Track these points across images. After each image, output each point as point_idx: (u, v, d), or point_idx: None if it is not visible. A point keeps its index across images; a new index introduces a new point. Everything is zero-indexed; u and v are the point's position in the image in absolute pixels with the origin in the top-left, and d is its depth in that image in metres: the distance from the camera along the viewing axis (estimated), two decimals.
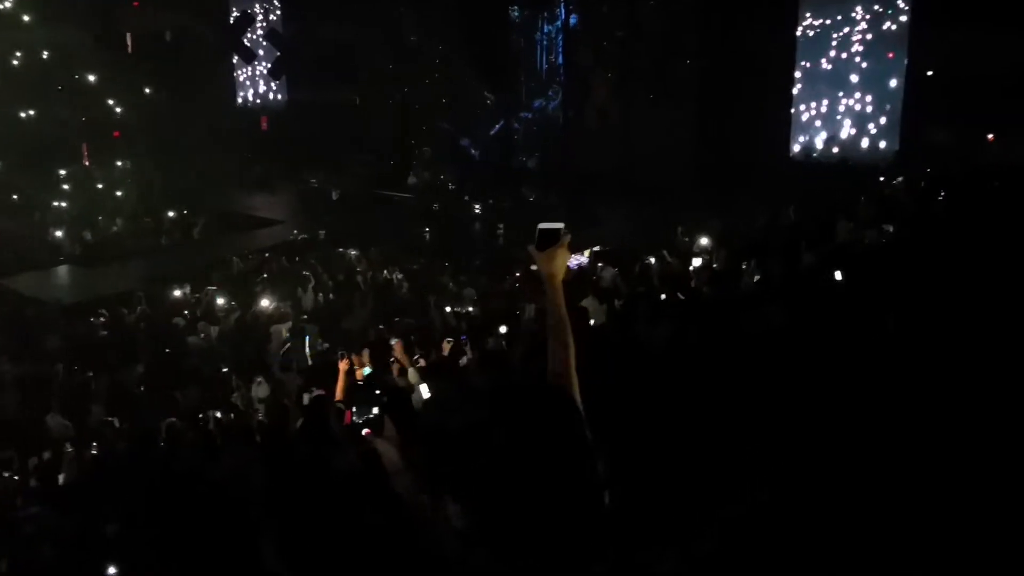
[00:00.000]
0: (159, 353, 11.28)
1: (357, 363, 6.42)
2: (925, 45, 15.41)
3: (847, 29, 16.88)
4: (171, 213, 19.86)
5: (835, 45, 17.04)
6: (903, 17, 16.16)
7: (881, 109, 16.75)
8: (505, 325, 8.03)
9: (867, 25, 16.64)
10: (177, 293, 13.58)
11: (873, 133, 16.89)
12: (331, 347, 10.27)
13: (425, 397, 5.53)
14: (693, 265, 10.24)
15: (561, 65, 21.03)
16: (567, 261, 2.04)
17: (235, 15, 25.86)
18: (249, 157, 24.46)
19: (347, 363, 6.10)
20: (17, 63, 20.43)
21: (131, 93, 21.71)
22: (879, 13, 16.45)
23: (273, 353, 10.54)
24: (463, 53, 22.00)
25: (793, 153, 17.63)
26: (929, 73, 15.51)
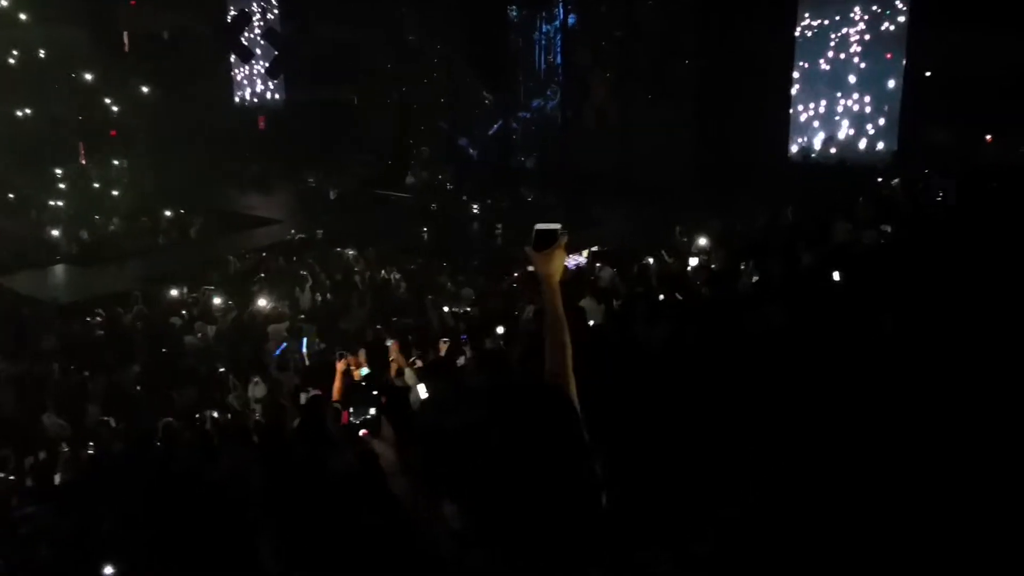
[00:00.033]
0: (156, 353, 11.27)
1: (354, 363, 6.42)
2: (923, 46, 15.42)
3: (845, 30, 16.88)
4: (168, 212, 19.84)
5: (833, 46, 17.05)
6: (901, 18, 16.17)
7: (879, 110, 16.75)
8: (503, 325, 8.00)
9: (865, 26, 16.64)
10: (174, 293, 13.56)
11: (871, 134, 16.89)
12: (328, 347, 10.26)
13: (423, 397, 5.52)
14: (690, 265, 10.24)
15: (560, 65, 21.01)
16: (564, 262, 2.04)
17: (232, 14, 25.81)
18: (246, 156, 24.44)
19: (344, 363, 6.10)
20: (14, 61, 20.41)
21: (128, 92, 21.66)
22: (877, 14, 16.45)
23: (270, 353, 10.52)
24: (461, 53, 22.00)
25: (791, 154, 17.63)
26: (927, 74, 15.52)
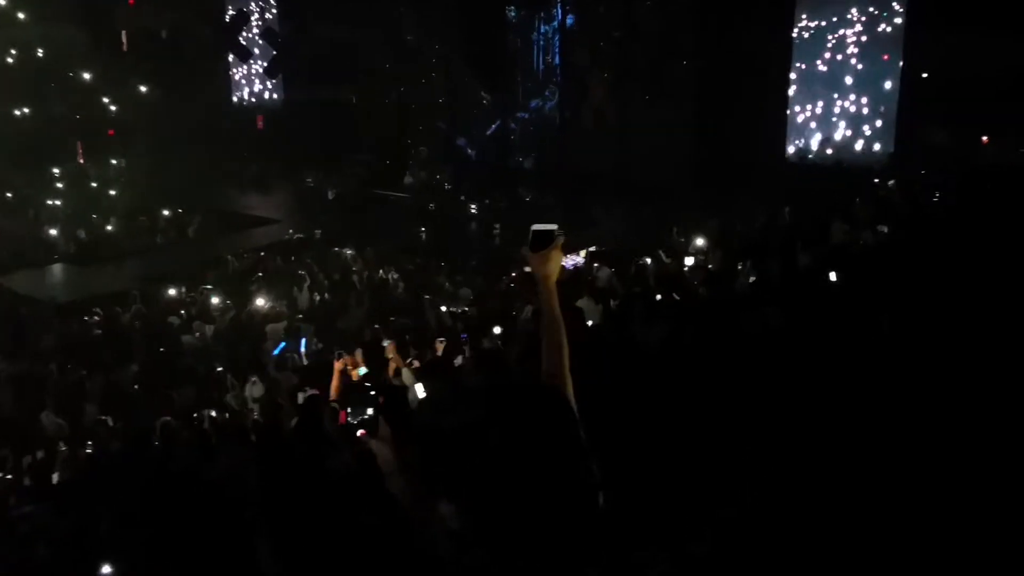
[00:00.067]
0: (154, 352, 11.25)
1: (352, 363, 6.42)
2: (920, 47, 15.43)
3: (842, 31, 16.89)
4: (166, 212, 19.80)
5: (830, 47, 17.07)
6: (898, 19, 16.19)
7: (876, 111, 16.76)
8: (501, 325, 8.00)
9: (862, 27, 16.65)
10: (172, 292, 13.54)
11: (868, 135, 16.91)
12: (326, 347, 10.26)
13: (420, 397, 5.52)
14: (687, 265, 10.24)
15: (558, 65, 21.00)
16: (561, 262, 2.05)
17: (231, 13, 25.80)
18: (245, 156, 24.41)
19: (342, 363, 6.10)
20: (12, 60, 20.38)
21: (126, 91, 21.64)
22: (874, 15, 16.46)
23: (268, 352, 10.52)
24: (459, 53, 21.99)
25: (788, 155, 17.64)
26: (924, 75, 15.53)
